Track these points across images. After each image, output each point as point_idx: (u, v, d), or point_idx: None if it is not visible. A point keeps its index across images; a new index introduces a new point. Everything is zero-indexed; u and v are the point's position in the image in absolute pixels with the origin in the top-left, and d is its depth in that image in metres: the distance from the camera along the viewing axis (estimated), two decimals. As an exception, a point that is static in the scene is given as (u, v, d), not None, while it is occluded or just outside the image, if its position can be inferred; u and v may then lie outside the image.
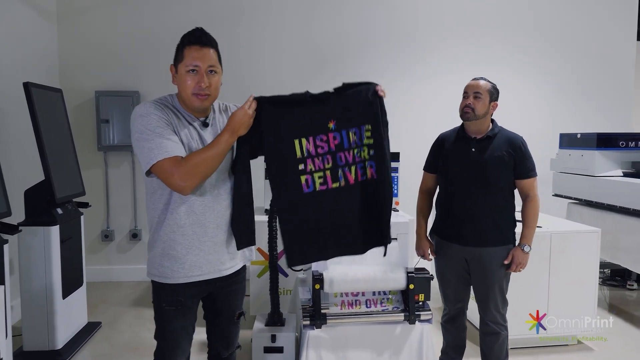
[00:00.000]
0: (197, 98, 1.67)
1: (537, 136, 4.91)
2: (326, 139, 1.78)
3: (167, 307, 1.75)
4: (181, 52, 1.67)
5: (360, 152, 1.81)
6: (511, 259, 2.37)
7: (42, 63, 4.21)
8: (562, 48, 5.02)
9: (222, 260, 1.78)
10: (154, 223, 1.73)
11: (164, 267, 1.71)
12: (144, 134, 1.60)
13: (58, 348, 3.07)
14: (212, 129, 1.77)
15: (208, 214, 1.72)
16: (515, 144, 2.36)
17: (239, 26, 4.63)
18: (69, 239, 3.19)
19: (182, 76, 1.66)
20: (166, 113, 1.66)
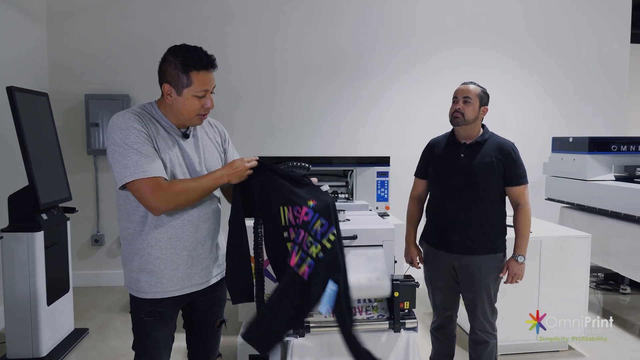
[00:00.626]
0: (200, 118, 1.69)
1: (530, 140, 4.91)
2: (299, 211, 1.68)
3: (145, 317, 1.71)
4: (187, 76, 1.60)
5: (311, 244, 1.67)
6: (506, 271, 2.34)
7: (31, 66, 4.18)
8: (556, 52, 5.00)
9: (201, 275, 1.76)
10: (128, 235, 1.68)
11: (141, 282, 1.68)
12: (121, 147, 1.55)
13: (42, 355, 3.03)
14: (193, 140, 1.75)
15: (187, 227, 1.69)
16: (506, 150, 2.33)
17: (229, 30, 4.60)
18: (54, 244, 3.15)
19: (189, 100, 1.62)
20: (146, 125, 1.61)
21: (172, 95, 1.63)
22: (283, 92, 4.71)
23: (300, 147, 4.68)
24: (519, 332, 3.06)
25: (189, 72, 1.60)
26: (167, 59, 1.63)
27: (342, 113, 4.77)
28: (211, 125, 1.89)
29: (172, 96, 1.63)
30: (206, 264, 1.77)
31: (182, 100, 1.63)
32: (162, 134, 1.66)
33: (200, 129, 1.81)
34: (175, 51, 1.62)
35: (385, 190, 3.78)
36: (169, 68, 1.61)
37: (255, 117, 4.70)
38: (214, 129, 1.90)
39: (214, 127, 1.91)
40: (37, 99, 3.24)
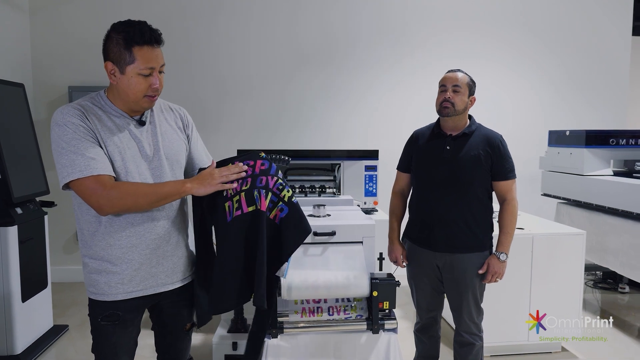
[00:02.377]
0: (149, 99, 1.55)
1: (527, 133, 4.79)
2: (253, 163, 1.65)
3: (103, 322, 1.59)
4: (129, 52, 1.48)
5: (282, 187, 1.65)
6: (486, 269, 2.22)
7: (13, 57, 4.08)
8: (554, 43, 4.86)
9: (168, 274, 1.65)
10: (85, 235, 1.57)
11: (100, 283, 1.56)
12: (59, 146, 1.46)
13: (17, 353, 2.95)
14: (150, 127, 1.63)
15: (147, 224, 1.58)
16: (493, 143, 2.20)
17: (219, 20, 4.49)
18: (30, 239, 3.06)
19: (132, 79, 1.50)
20: (88, 118, 1.49)
21: (116, 74, 1.51)
22: (273, 84, 4.60)
23: (289, 140, 4.57)
24: (509, 333, 2.95)
25: (131, 47, 1.47)
26: (109, 35, 1.50)
27: (333, 106, 4.66)
28: (171, 110, 1.75)
29: (115, 76, 1.51)
30: (173, 262, 1.66)
31: (126, 79, 1.50)
32: (110, 125, 1.54)
33: (159, 114, 1.68)
34: (117, 27, 1.50)
35: (374, 184, 3.66)
36: (111, 45, 1.49)
37: (244, 109, 4.59)
38: (174, 113, 1.75)
39: (174, 112, 1.76)
40: (12, 89, 3.14)
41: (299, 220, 1.65)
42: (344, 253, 2.29)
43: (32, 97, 4.25)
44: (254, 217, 1.59)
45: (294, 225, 1.64)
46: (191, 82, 4.48)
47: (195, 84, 4.49)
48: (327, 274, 2.19)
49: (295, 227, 1.64)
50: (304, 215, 1.68)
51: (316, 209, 2.52)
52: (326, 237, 2.30)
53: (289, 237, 1.64)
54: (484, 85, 4.64)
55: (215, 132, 4.49)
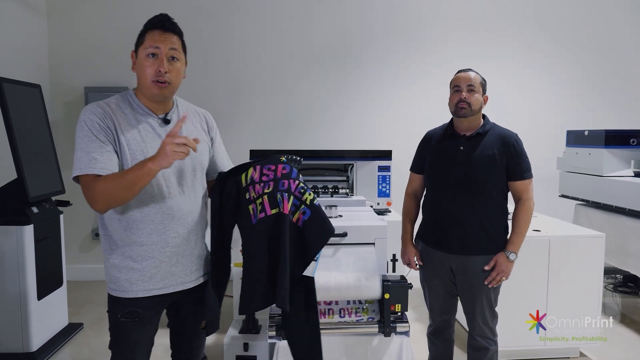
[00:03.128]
0: (156, 85, 1.55)
1: (544, 133, 4.70)
2: (274, 168, 1.68)
3: (123, 319, 1.61)
4: (142, 36, 1.58)
5: (303, 191, 1.68)
6: (493, 266, 2.16)
7: (31, 59, 4.15)
8: (570, 41, 4.75)
9: (186, 273, 1.67)
10: (108, 230, 1.59)
11: (121, 280, 1.58)
12: (75, 141, 1.53)
13: (33, 350, 2.98)
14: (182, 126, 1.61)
15: (168, 222, 1.59)
16: (509, 142, 2.15)
17: (232, 20, 4.50)
18: (46, 238, 3.10)
19: (141, 61, 1.55)
20: (109, 117, 1.52)
21: (134, 59, 1.60)
22: (285, 84, 4.59)
23: (302, 140, 4.56)
24: (525, 337, 2.88)
25: (145, 33, 1.58)
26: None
27: (346, 106, 4.63)
28: (197, 113, 1.79)
29: (134, 62, 1.60)
30: (191, 261, 1.68)
31: (138, 62, 1.57)
32: (134, 123, 1.56)
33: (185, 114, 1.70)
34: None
35: (387, 185, 3.63)
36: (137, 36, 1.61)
37: (257, 109, 4.59)
38: (200, 117, 1.79)
39: (200, 115, 1.80)
40: (29, 90, 3.18)
41: (322, 222, 1.68)
42: (355, 254, 2.27)
43: (49, 98, 4.31)
44: (277, 220, 1.62)
45: (317, 227, 1.67)
46: (204, 82, 4.49)
47: (209, 84, 4.51)
48: (338, 275, 2.17)
49: (318, 229, 1.67)
50: (327, 217, 1.70)
51: (328, 209, 2.50)
52: (338, 238, 2.27)
53: (312, 239, 1.67)
54: (499, 85, 4.59)
55: (228, 131, 4.49)
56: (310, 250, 1.67)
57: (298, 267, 1.67)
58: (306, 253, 1.67)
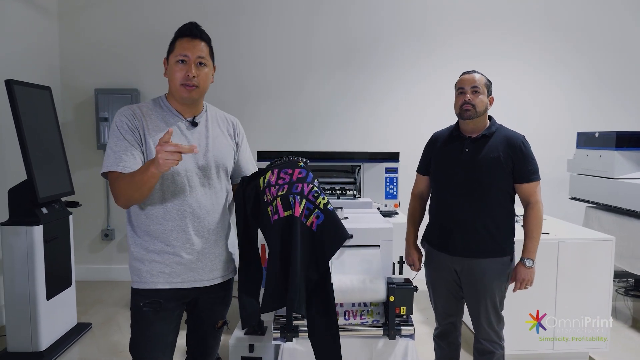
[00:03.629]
0: (185, 89, 1.64)
1: (554, 135, 4.65)
2: (291, 172, 1.72)
3: (145, 308, 1.66)
4: (173, 44, 1.68)
5: (317, 195, 1.70)
6: (514, 277, 2.15)
7: (42, 61, 4.20)
8: (581, 41, 4.70)
9: (207, 271, 1.71)
10: (133, 224, 1.68)
11: (143, 271, 1.65)
12: (108, 139, 1.64)
13: (42, 349, 3.02)
14: (203, 130, 1.73)
15: (188, 220, 1.65)
16: (515, 144, 2.13)
17: (239, 23, 4.52)
18: (55, 238, 3.13)
19: (172, 67, 1.66)
20: (139, 119, 1.63)
21: (166, 66, 1.69)
22: (292, 86, 4.60)
23: (308, 142, 4.56)
24: (533, 341, 2.85)
25: (175, 40, 1.68)
26: None
27: (353, 107, 4.63)
28: (225, 119, 1.88)
29: (166, 68, 1.70)
30: (211, 260, 1.72)
31: (170, 69, 1.67)
32: (161, 124, 1.65)
33: (213, 120, 1.79)
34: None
35: (394, 187, 3.61)
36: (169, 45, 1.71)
37: (265, 111, 4.60)
38: (227, 122, 1.88)
39: (228, 121, 1.89)
40: (39, 92, 3.22)
41: (336, 226, 1.69)
42: (360, 256, 2.26)
43: (60, 100, 4.36)
44: (288, 222, 1.64)
45: (331, 232, 1.68)
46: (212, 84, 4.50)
47: (216, 86, 4.46)
48: (343, 277, 2.16)
49: (331, 234, 1.68)
50: (341, 222, 1.72)
51: (334, 211, 2.50)
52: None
53: (326, 244, 1.68)
54: (507, 86, 4.56)
55: (236, 133, 4.52)
56: (324, 254, 1.69)
57: (312, 272, 1.68)
58: (320, 257, 1.69)
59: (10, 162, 3.55)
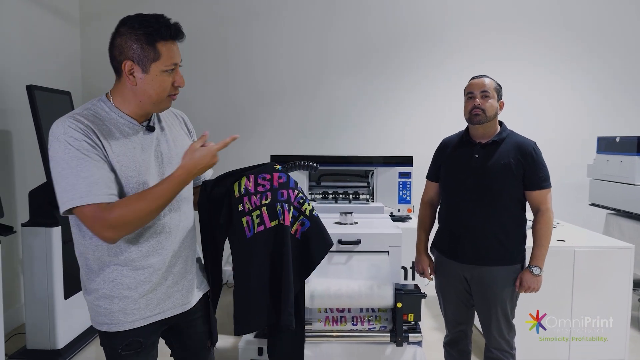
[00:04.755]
0: (171, 99, 1.43)
1: (573, 140, 4.56)
2: (269, 177, 1.57)
3: (124, 352, 1.43)
4: (152, 48, 1.33)
5: (302, 201, 1.60)
6: (519, 284, 2.11)
7: (64, 66, 4.30)
8: (600, 43, 4.57)
9: (183, 293, 1.51)
10: (90, 261, 1.40)
11: (114, 312, 1.39)
12: (58, 165, 1.28)
13: (59, 348, 3.08)
14: (162, 134, 1.48)
15: (163, 240, 1.44)
16: (526, 150, 2.09)
17: (253, 26, 4.54)
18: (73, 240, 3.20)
19: (157, 77, 1.35)
20: (95, 132, 1.32)
21: (136, 74, 1.34)
22: (307, 89, 4.61)
23: (322, 146, 4.56)
24: (548, 350, 2.79)
25: (155, 43, 1.34)
26: (123, 32, 1.35)
27: (367, 111, 4.61)
28: (175, 116, 1.61)
29: (135, 76, 1.34)
30: (188, 280, 1.52)
31: (149, 78, 1.35)
32: (121, 138, 1.37)
33: (165, 119, 1.53)
34: (132, 21, 1.35)
35: (408, 192, 3.59)
36: (128, 42, 1.33)
37: (279, 115, 4.62)
38: (178, 118, 1.62)
39: (178, 117, 1.62)
40: (59, 97, 3.31)
41: (321, 234, 1.61)
42: (368, 262, 2.26)
43: (81, 104, 4.45)
44: (277, 232, 1.53)
45: (316, 239, 1.60)
46: (226, 88, 4.56)
47: (231, 90, 4.57)
48: (350, 283, 2.16)
49: (317, 241, 1.60)
50: (325, 229, 1.63)
51: (343, 216, 2.50)
52: (351, 245, 2.27)
53: (312, 252, 1.59)
54: (523, 90, 4.49)
55: (250, 137, 4.56)
56: (309, 263, 1.59)
57: (296, 282, 1.58)
58: (304, 266, 1.59)
59: (30, 165, 3.65)
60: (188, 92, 4.43)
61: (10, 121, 3.52)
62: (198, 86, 4.48)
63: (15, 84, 3.42)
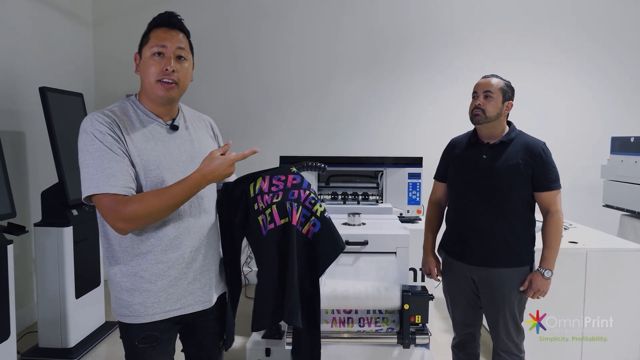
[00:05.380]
0: (162, 86, 1.43)
1: (586, 140, 4.50)
2: (284, 178, 1.60)
3: (140, 345, 1.47)
4: (146, 35, 1.47)
5: (314, 202, 1.60)
6: (528, 285, 2.08)
7: (77, 68, 4.36)
8: (612, 42, 4.49)
9: (205, 291, 1.55)
10: (114, 248, 1.45)
11: (135, 305, 1.44)
12: (83, 156, 1.37)
13: (70, 346, 3.13)
14: (186, 133, 1.54)
15: (184, 236, 1.48)
16: (534, 151, 2.06)
17: (262, 27, 4.56)
18: (84, 240, 3.25)
19: (146, 61, 1.43)
20: (120, 127, 1.40)
21: (137, 61, 1.49)
22: (316, 91, 4.61)
23: (331, 147, 4.56)
24: (559, 355, 2.75)
25: (150, 30, 1.48)
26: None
27: (377, 112, 4.60)
28: (202, 120, 1.69)
29: (137, 64, 1.49)
30: (209, 277, 1.56)
31: (142, 63, 1.46)
32: (145, 133, 1.45)
33: (191, 121, 1.60)
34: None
35: (417, 192, 3.56)
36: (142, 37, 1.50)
37: (289, 116, 4.63)
38: (205, 123, 1.69)
39: (205, 122, 1.70)
40: (71, 98, 3.36)
41: (332, 236, 1.62)
42: (376, 263, 2.24)
43: (93, 105, 4.53)
44: (285, 230, 1.55)
45: (328, 241, 1.61)
46: (236, 90, 4.58)
47: (240, 91, 4.59)
48: (357, 284, 2.15)
49: (328, 243, 1.61)
50: (337, 231, 1.64)
51: (351, 217, 2.49)
52: (358, 246, 2.26)
53: (322, 253, 1.61)
54: (536, 90, 4.44)
55: (260, 138, 4.57)
56: (319, 264, 1.61)
57: (306, 283, 1.60)
58: (315, 267, 1.61)
59: (43, 165, 3.71)
60: (197, 93, 4.49)
61: (24, 123, 3.58)
62: (207, 87, 4.51)
63: (29, 86, 3.48)
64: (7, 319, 2.57)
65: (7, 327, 2.56)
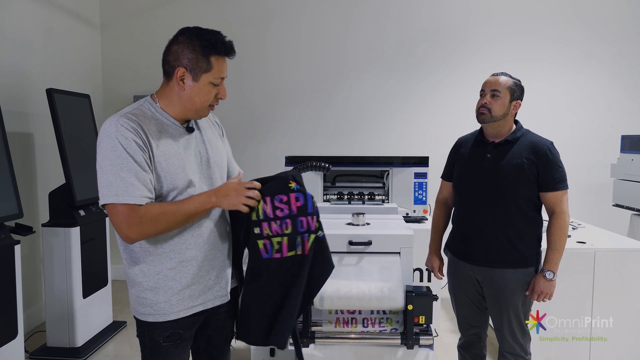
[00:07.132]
0: (211, 109, 1.53)
1: (595, 139, 4.44)
2: (286, 199, 1.54)
3: (165, 343, 1.50)
4: (206, 60, 1.44)
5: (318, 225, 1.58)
6: (532, 289, 2.05)
7: (85, 69, 4.40)
8: (621, 41, 4.43)
9: (223, 285, 1.57)
10: (135, 253, 1.46)
11: (159, 303, 1.46)
12: (103, 161, 1.36)
13: (78, 346, 3.15)
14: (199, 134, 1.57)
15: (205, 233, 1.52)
16: (540, 150, 2.03)
17: (269, 27, 4.57)
18: (91, 240, 3.27)
19: (204, 87, 1.46)
20: (145, 132, 1.40)
21: (186, 81, 1.44)
22: (322, 90, 4.60)
23: (339, 147, 4.54)
24: (567, 357, 2.71)
25: (209, 55, 1.44)
26: (181, 40, 1.45)
27: (383, 112, 4.57)
28: (209, 120, 1.69)
29: (185, 82, 1.44)
30: (227, 272, 1.59)
31: (197, 87, 1.45)
32: (168, 138, 1.46)
33: (202, 121, 1.61)
34: (191, 32, 1.45)
35: (424, 192, 3.54)
36: (185, 50, 1.43)
37: (294, 115, 4.62)
38: (212, 122, 1.70)
39: (211, 121, 1.70)
40: (79, 100, 3.38)
41: (326, 256, 1.60)
42: (379, 264, 2.23)
43: (101, 107, 4.57)
44: (294, 262, 1.55)
45: (321, 262, 1.60)
46: (241, 89, 4.58)
47: (246, 91, 4.60)
48: (360, 284, 2.14)
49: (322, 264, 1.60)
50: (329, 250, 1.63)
51: (355, 217, 2.48)
52: (362, 246, 2.25)
53: (316, 274, 1.60)
54: (545, 90, 4.39)
55: (265, 138, 4.58)
56: (313, 285, 1.60)
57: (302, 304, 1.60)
58: (309, 288, 1.59)
59: (50, 166, 3.75)
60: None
61: (32, 124, 3.62)
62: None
63: (37, 88, 3.51)
64: (15, 318, 2.59)
65: (14, 326, 2.59)
